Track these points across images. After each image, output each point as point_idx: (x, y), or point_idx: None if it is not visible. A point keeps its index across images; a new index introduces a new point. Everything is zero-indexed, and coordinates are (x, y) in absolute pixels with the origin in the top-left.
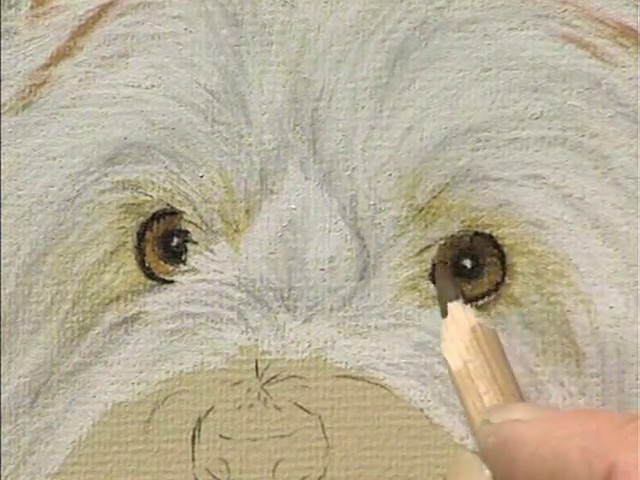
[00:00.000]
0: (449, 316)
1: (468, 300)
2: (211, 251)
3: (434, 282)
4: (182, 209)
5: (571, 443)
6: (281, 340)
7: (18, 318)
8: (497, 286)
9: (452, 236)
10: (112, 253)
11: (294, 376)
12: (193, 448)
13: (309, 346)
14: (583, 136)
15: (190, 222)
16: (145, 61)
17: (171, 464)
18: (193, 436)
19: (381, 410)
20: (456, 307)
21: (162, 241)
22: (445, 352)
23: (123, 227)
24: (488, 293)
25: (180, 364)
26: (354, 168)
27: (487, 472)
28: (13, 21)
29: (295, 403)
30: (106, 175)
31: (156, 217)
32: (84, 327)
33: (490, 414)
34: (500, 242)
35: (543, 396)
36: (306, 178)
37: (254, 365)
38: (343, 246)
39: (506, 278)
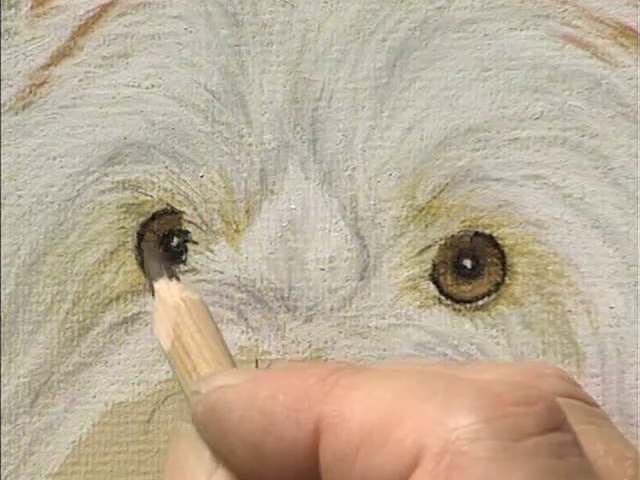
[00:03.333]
0: (156, 296)
1: (468, 300)
2: (211, 251)
3: (142, 264)
4: (182, 209)
5: (277, 401)
6: (281, 340)
7: (18, 318)
8: (497, 286)
9: (452, 236)
10: (112, 253)
11: None
12: None
13: (309, 346)
14: (583, 136)
15: (190, 222)
16: (145, 61)
17: None
18: None
19: None
20: (161, 285)
21: (162, 241)
22: (157, 335)
23: (123, 227)
24: (488, 293)
25: None
26: (354, 168)
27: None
28: (13, 21)
29: None
30: (106, 175)
31: (156, 217)
32: (84, 327)
33: (199, 384)
34: (500, 242)
35: None
36: (306, 178)
37: (254, 365)
38: (343, 246)
39: (506, 278)
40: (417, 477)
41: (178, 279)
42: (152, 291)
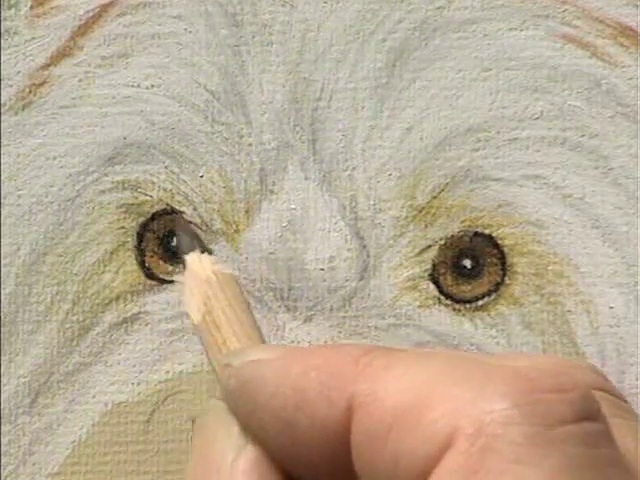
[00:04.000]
0: (187, 269)
1: (468, 300)
2: (211, 251)
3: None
4: (182, 209)
5: (309, 378)
6: (281, 340)
7: (18, 318)
8: (497, 286)
9: (452, 236)
10: (112, 253)
11: None
12: None
13: (309, 346)
14: (583, 136)
15: (190, 222)
16: (145, 61)
17: (171, 464)
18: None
19: None
20: (192, 258)
21: (162, 241)
22: (187, 308)
23: (123, 227)
24: (488, 293)
25: (180, 364)
26: (354, 168)
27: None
28: (13, 21)
29: None
30: (106, 175)
31: (156, 217)
32: (84, 327)
33: (230, 358)
34: (500, 242)
35: None
36: (306, 178)
37: None
38: (343, 246)
39: (506, 278)
40: (450, 458)
41: (210, 252)
42: (183, 264)
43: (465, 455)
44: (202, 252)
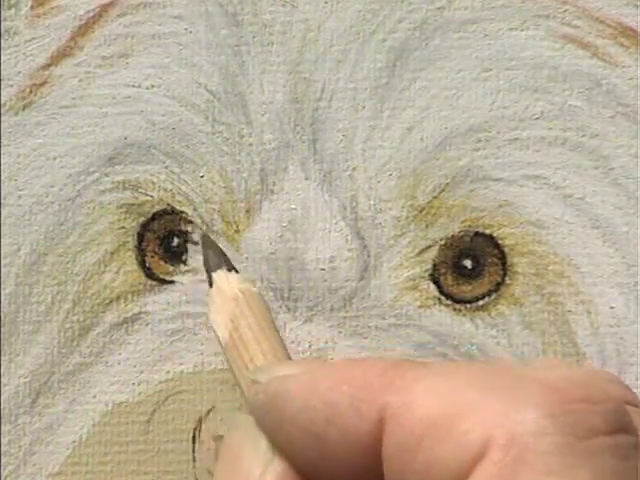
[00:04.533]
0: (214, 286)
1: (468, 300)
2: None
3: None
4: (182, 209)
5: (339, 392)
6: None
7: (18, 318)
8: (497, 286)
9: (452, 236)
10: (112, 253)
11: None
12: (194, 448)
13: (310, 346)
14: (583, 136)
15: (190, 222)
16: (145, 61)
17: (171, 464)
18: (194, 436)
19: None
20: (219, 276)
21: (163, 241)
22: (213, 325)
23: (123, 227)
24: (488, 293)
25: (180, 364)
26: (354, 168)
27: (261, 432)
28: (13, 21)
29: None
30: (106, 175)
31: (156, 217)
32: (84, 327)
33: (258, 374)
34: (500, 242)
35: None
36: (306, 178)
37: None
38: (343, 246)
39: (506, 278)
40: (482, 468)
41: (237, 271)
42: (210, 282)
43: (498, 466)
44: (229, 270)
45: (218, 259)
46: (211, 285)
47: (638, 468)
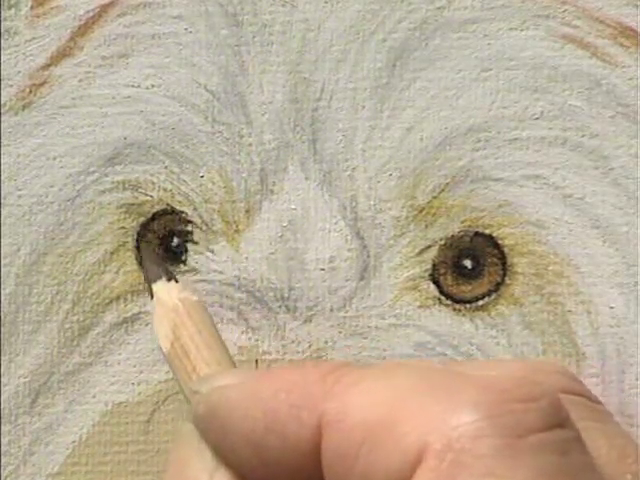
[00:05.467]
0: (155, 298)
1: (468, 301)
2: (211, 251)
3: (140, 263)
4: (182, 209)
5: (279, 400)
6: (281, 340)
7: (18, 318)
8: (497, 286)
9: (452, 236)
10: (112, 253)
11: None
12: None
13: (309, 346)
14: (583, 136)
15: (190, 222)
16: (145, 61)
17: None
18: None
19: None
20: (159, 288)
21: (162, 241)
22: (157, 336)
23: (123, 227)
24: (488, 293)
25: None
26: (354, 168)
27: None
28: (13, 21)
29: None
30: (106, 175)
31: (156, 217)
32: (84, 327)
33: (199, 384)
34: (500, 242)
35: None
36: (306, 178)
37: (254, 365)
38: (343, 246)
39: (506, 278)
40: (420, 474)
41: (176, 280)
42: (150, 293)
43: (435, 472)
44: (169, 280)
45: (157, 270)
46: (152, 297)
47: (579, 461)
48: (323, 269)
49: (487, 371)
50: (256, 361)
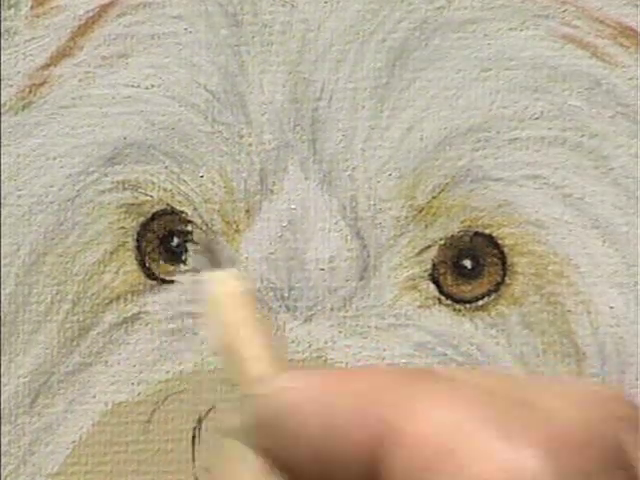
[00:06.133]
0: (212, 287)
1: (468, 300)
2: None
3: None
4: (182, 209)
5: (344, 402)
6: (282, 340)
7: (18, 318)
8: (497, 286)
9: (452, 236)
10: (112, 253)
11: None
12: (193, 448)
13: (309, 346)
14: (583, 136)
15: (190, 222)
16: (145, 61)
17: (171, 464)
18: (193, 436)
19: None
20: (217, 276)
21: (162, 241)
22: (209, 334)
23: (123, 227)
24: (488, 293)
25: (180, 364)
26: (354, 168)
27: (251, 454)
28: (13, 21)
29: None
30: (106, 175)
31: (156, 217)
32: (84, 327)
33: (257, 385)
34: (500, 242)
35: None
36: (306, 178)
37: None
38: (343, 246)
39: (506, 278)
40: None
41: (235, 274)
42: (208, 282)
43: None
44: (228, 270)
45: (218, 260)
46: (209, 286)
47: None
48: (323, 269)
49: (553, 401)
50: None
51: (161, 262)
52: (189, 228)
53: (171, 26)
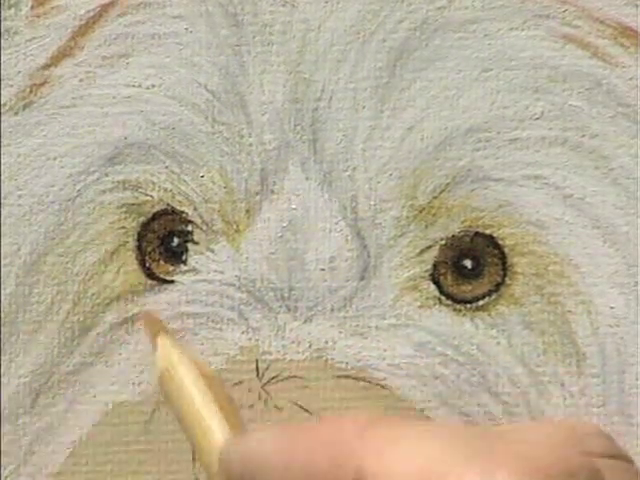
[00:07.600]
0: (158, 356)
1: (468, 301)
2: (212, 251)
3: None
4: (183, 209)
5: (319, 453)
6: (282, 340)
7: (18, 318)
8: (498, 286)
9: (453, 236)
10: (113, 253)
11: (295, 376)
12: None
13: (310, 346)
14: (583, 136)
15: (191, 222)
16: (145, 61)
17: (172, 464)
18: None
19: (382, 410)
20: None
21: (163, 241)
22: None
23: (124, 227)
24: (489, 293)
25: None
26: (354, 168)
27: None
28: (13, 21)
29: (295, 403)
30: (106, 175)
31: (156, 217)
32: (85, 327)
33: (229, 445)
34: (501, 242)
35: (544, 397)
36: (307, 178)
37: (255, 365)
38: (344, 246)
39: (507, 278)
40: None
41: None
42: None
43: None
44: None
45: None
46: (155, 367)
47: None
48: (323, 269)
49: (526, 437)
50: (256, 361)
51: (161, 262)
52: (189, 228)
53: (172, 26)
